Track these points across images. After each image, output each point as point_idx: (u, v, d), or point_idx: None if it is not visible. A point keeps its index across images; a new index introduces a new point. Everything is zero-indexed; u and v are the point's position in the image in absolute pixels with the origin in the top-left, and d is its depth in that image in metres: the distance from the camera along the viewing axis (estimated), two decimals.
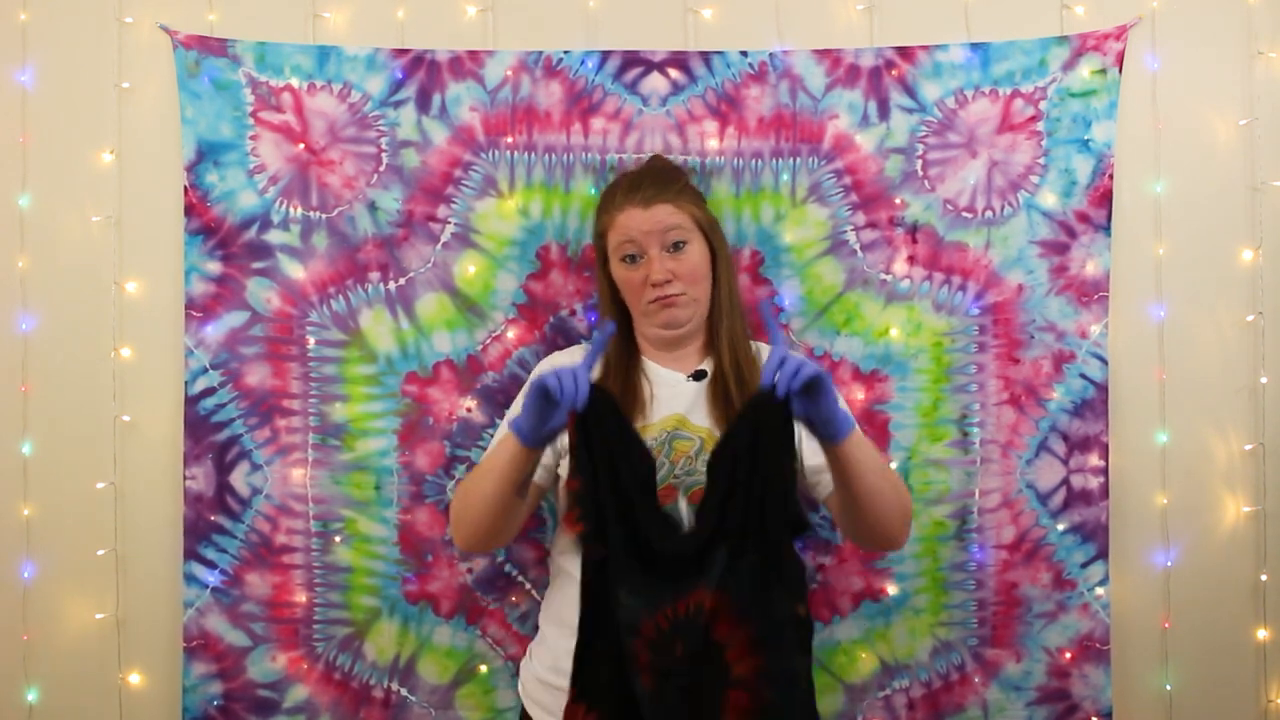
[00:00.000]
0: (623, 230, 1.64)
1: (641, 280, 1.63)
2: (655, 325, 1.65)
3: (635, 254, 1.63)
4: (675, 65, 1.95)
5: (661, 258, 1.62)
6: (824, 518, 1.90)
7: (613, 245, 1.66)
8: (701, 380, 1.65)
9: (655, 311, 1.63)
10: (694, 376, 1.66)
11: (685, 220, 1.64)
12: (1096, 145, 1.94)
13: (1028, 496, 1.95)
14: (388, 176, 1.93)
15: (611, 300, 1.71)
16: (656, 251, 1.62)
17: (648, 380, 1.65)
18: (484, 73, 1.94)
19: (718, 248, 1.69)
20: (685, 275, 1.62)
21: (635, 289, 1.64)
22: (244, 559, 1.91)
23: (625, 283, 1.66)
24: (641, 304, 1.64)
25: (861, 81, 1.95)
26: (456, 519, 1.58)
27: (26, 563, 1.96)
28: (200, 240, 1.92)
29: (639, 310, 1.66)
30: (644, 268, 1.62)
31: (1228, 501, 2.01)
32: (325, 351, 1.93)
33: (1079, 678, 1.94)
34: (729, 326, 1.67)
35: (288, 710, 1.92)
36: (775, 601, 1.38)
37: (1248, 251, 2.00)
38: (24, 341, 1.96)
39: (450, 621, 1.93)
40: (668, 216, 1.63)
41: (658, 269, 1.61)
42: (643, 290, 1.63)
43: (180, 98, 1.92)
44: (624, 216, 1.64)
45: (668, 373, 1.67)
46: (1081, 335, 1.95)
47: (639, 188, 1.65)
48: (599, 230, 1.70)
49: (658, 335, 1.67)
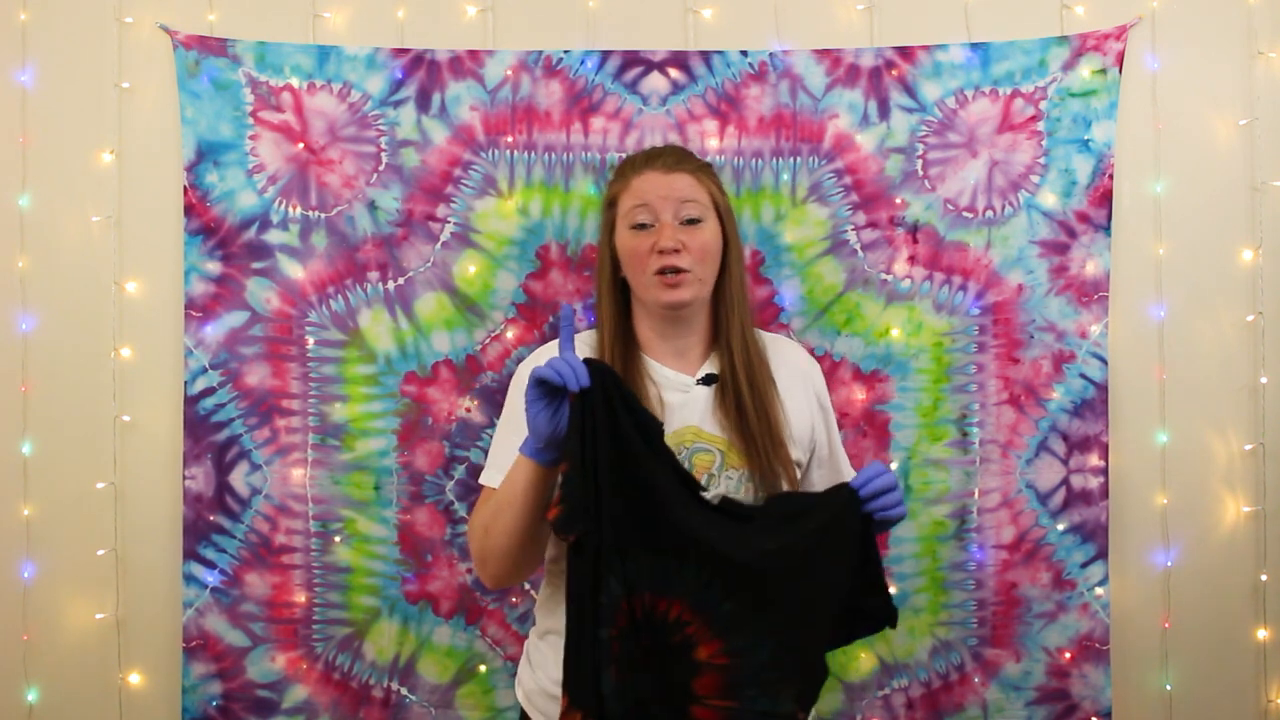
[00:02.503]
0: (638, 193, 1.52)
1: (649, 248, 1.50)
2: (656, 300, 1.53)
3: (647, 221, 1.51)
4: (675, 65, 1.95)
5: (674, 227, 1.50)
6: None
7: (624, 210, 1.54)
8: (711, 385, 1.54)
9: (658, 286, 1.51)
10: (704, 380, 1.54)
11: (704, 196, 1.53)
12: (1096, 145, 1.94)
13: (1027, 496, 1.95)
14: (387, 176, 1.93)
15: (612, 281, 1.57)
16: (669, 219, 1.51)
17: (653, 383, 1.53)
18: (484, 72, 1.94)
19: (730, 235, 1.57)
20: (695, 250, 1.50)
21: (641, 257, 1.51)
22: (243, 559, 1.91)
23: (631, 252, 1.52)
24: (646, 275, 1.51)
25: (862, 81, 1.95)
26: (482, 558, 1.47)
27: (26, 563, 1.96)
28: (200, 240, 1.92)
29: (642, 283, 1.53)
30: (653, 235, 1.50)
31: (1228, 501, 2.01)
32: (325, 351, 1.93)
33: (1079, 678, 1.94)
34: (738, 320, 1.56)
35: (287, 710, 1.92)
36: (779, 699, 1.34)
37: (1248, 251, 2.00)
38: (24, 341, 1.96)
39: (450, 621, 1.93)
40: (687, 187, 1.52)
41: (668, 235, 1.49)
42: (648, 259, 1.50)
43: (180, 98, 1.92)
44: (641, 180, 1.53)
45: (674, 375, 1.54)
46: (1081, 335, 1.95)
47: (661, 155, 1.56)
48: (609, 198, 1.58)
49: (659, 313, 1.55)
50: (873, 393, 1.95)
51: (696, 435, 1.51)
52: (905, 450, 1.94)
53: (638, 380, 1.51)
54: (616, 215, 1.55)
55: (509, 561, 1.45)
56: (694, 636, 1.33)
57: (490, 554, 1.44)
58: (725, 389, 1.52)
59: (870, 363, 1.95)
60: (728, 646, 1.32)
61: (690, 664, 1.32)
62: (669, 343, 1.56)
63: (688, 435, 1.51)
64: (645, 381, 1.52)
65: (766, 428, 1.50)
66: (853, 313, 1.95)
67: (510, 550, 1.43)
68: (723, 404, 1.52)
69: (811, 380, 1.62)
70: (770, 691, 1.33)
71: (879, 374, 1.95)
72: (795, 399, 1.56)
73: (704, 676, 1.32)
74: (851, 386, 1.94)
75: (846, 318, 1.95)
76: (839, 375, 1.94)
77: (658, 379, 1.53)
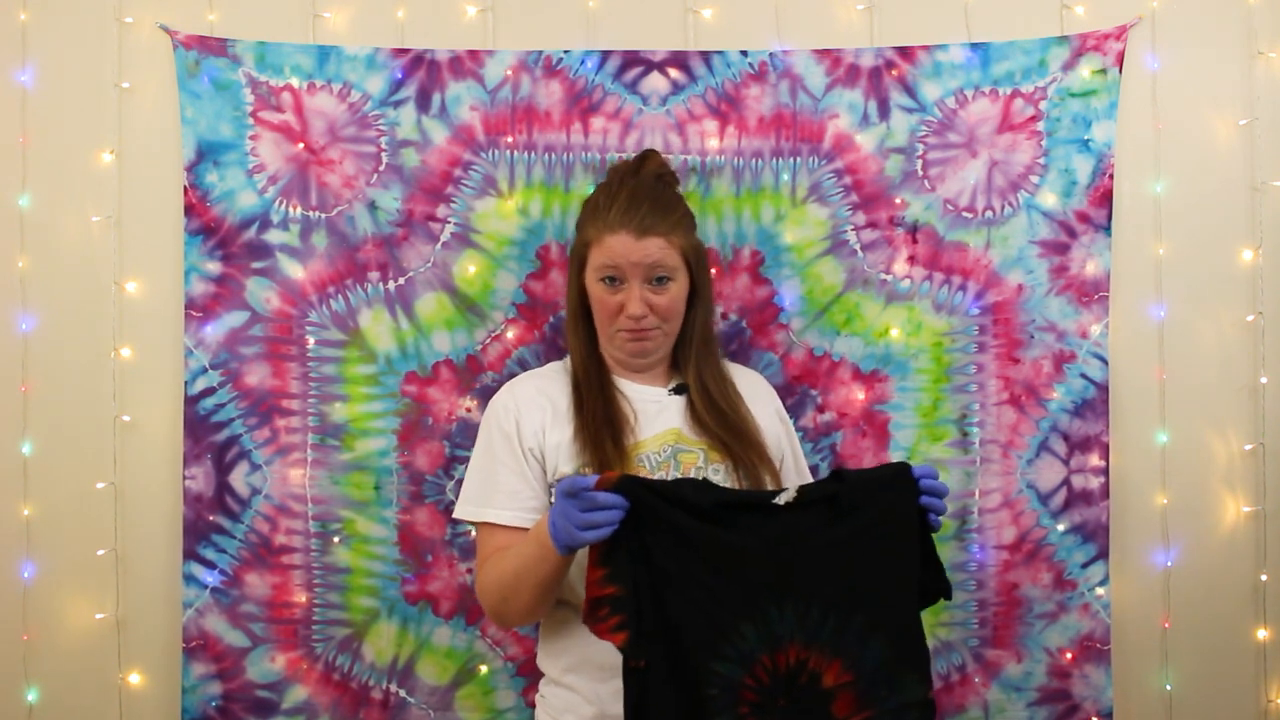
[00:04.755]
0: (609, 253, 1.56)
1: (617, 307, 1.57)
2: (622, 353, 1.60)
3: (616, 278, 1.56)
4: (675, 65, 1.95)
5: (642, 290, 1.55)
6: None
7: (595, 263, 1.58)
8: (684, 394, 1.62)
9: (624, 341, 1.58)
10: (676, 390, 1.63)
11: (674, 256, 1.57)
12: (1096, 145, 1.94)
13: (1028, 496, 1.95)
14: (387, 176, 1.93)
15: (580, 309, 1.63)
16: (638, 283, 1.55)
17: (625, 398, 1.60)
18: (484, 72, 1.94)
19: (699, 282, 1.62)
20: (662, 310, 1.57)
21: (609, 313, 1.58)
22: (243, 559, 1.91)
23: (599, 303, 1.59)
24: (612, 328, 1.59)
25: (861, 81, 1.95)
26: (499, 616, 1.54)
27: (26, 563, 1.96)
28: (200, 240, 1.92)
29: (607, 333, 1.60)
30: (622, 294, 1.56)
31: (1228, 501, 2.01)
32: (325, 351, 1.93)
33: (1079, 678, 1.94)
34: (696, 357, 1.62)
35: (287, 711, 1.92)
36: (907, 686, 1.37)
37: (1248, 251, 2.00)
38: (24, 341, 1.96)
39: (450, 622, 1.93)
40: (658, 251, 1.55)
41: (635, 303, 1.55)
42: (615, 317, 1.57)
43: (180, 98, 1.92)
44: (613, 240, 1.55)
45: (644, 388, 1.62)
46: (1082, 335, 1.95)
47: (636, 210, 1.56)
48: (583, 239, 1.61)
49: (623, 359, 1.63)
50: (872, 393, 1.95)
51: (679, 437, 1.59)
52: (905, 450, 1.94)
53: (611, 398, 1.59)
54: (588, 258, 1.60)
55: (529, 618, 1.54)
56: (816, 668, 1.34)
57: (510, 615, 1.53)
58: (695, 399, 1.60)
59: (870, 363, 1.95)
60: (847, 661, 1.35)
61: (823, 694, 1.34)
62: (635, 369, 1.64)
63: (670, 436, 1.59)
64: (618, 397, 1.60)
65: (742, 428, 1.59)
66: (852, 313, 1.95)
67: (532, 613, 1.52)
68: (694, 412, 1.60)
69: (771, 399, 1.73)
70: (897, 685, 1.36)
71: (879, 374, 1.95)
72: (759, 410, 1.65)
73: (838, 700, 1.35)
74: (851, 386, 1.94)
75: (846, 318, 1.95)
76: (839, 375, 1.94)
77: (630, 394, 1.61)
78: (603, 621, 1.31)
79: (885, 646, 1.36)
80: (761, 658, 1.33)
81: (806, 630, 1.34)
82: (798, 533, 1.36)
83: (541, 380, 1.65)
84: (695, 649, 1.32)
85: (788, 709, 1.34)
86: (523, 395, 1.60)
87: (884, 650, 1.36)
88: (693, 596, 1.33)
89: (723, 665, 1.32)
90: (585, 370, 1.61)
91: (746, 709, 1.33)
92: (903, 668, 1.37)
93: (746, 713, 1.32)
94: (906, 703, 1.37)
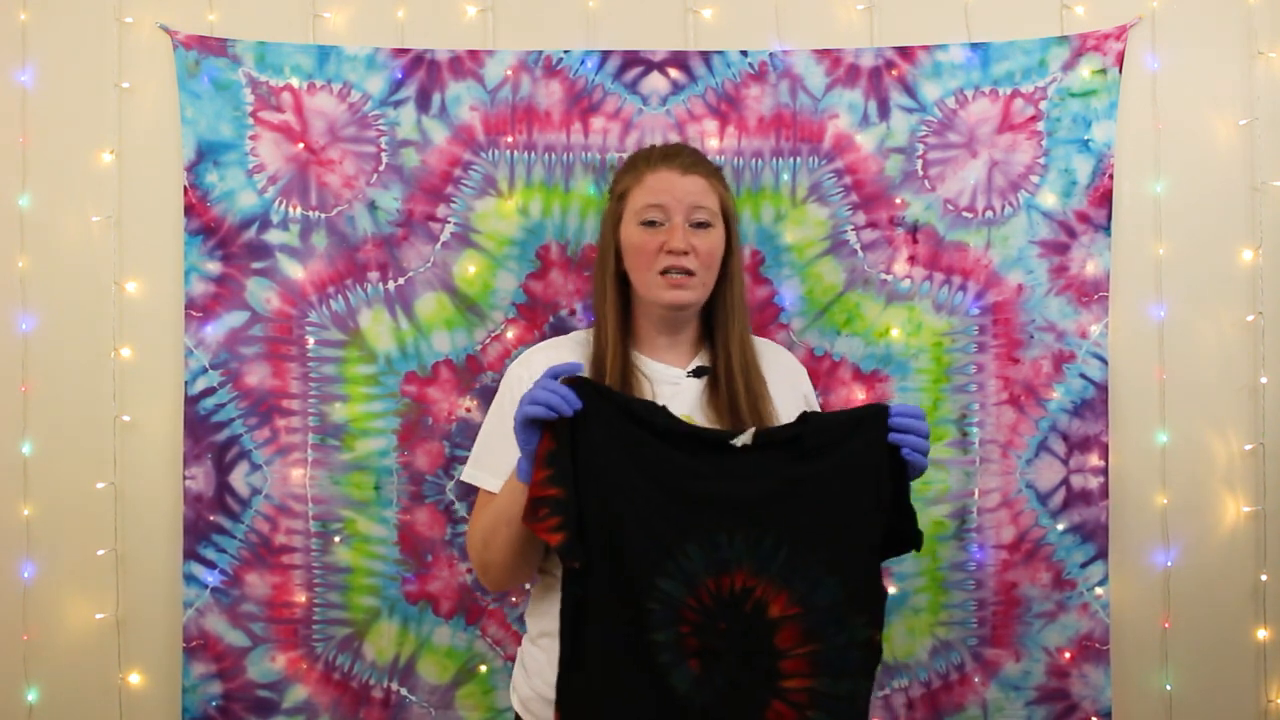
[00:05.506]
0: (652, 191, 1.54)
1: (658, 246, 1.53)
2: (660, 304, 1.55)
3: (658, 219, 1.54)
4: (675, 65, 1.95)
5: (685, 229, 1.53)
6: None
7: (635, 206, 1.55)
8: (702, 377, 1.58)
9: (663, 285, 1.54)
10: (694, 373, 1.59)
11: (714, 202, 1.56)
12: (1096, 145, 1.94)
13: (1027, 496, 1.95)
14: (387, 176, 1.93)
15: (615, 274, 1.58)
16: (681, 220, 1.53)
17: (645, 377, 1.56)
18: (484, 72, 1.94)
19: (734, 241, 1.60)
20: (703, 254, 1.54)
21: (649, 254, 1.54)
22: (244, 559, 1.91)
23: (640, 247, 1.54)
24: (651, 272, 1.54)
25: (861, 81, 1.95)
26: (483, 567, 1.53)
27: (26, 563, 1.96)
28: (200, 240, 1.92)
29: (645, 280, 1.55)
30: (663, 233, 1.53)
31: (1228, 501, 2.01)
32: (325, 351, 1.93)
33: (1078, 678, 1.94)
34: (736, 324, 1.59)
35: (287, 710, 1.92)
36: (854, 627, 1.37)
37: (1248, 251, 2.00)
38: (24, 341, 1.96)
39: (450, 621, 1.93)
40: (700, 191, 1.55)
41: (679, 236, 1.52)
42: (656, 257, 1.53)
43: (180, 98, 1.92)
44: (655, 178, 1.55)
45: (664, 368, 1.58)
46: (1081, 335, 1.95)
47: (678, 154, 1.58)
48: (619, 191, 1.59)
49: (659, 312, 1.57)
50: (872, 393, 1.95)
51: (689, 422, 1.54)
52: None
53: (630, 374, 1.55)
54: (625, 209, 1.57)
55: (509, 571, 1.51)
56: (763, 597, 1.35)
57: (491, 565, 1.51)
58: (717, 383, 1.57)
59: (870, 363, 1.95)
60: (794, 595, 1.35)
61: (768, 624, 1.35)
62: (662, 337, 1.60)
63: None
64: (638, 376, 1.56)
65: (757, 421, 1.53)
66: (852, 313, 1.95)
67: (510, 561, 1.49)
68: (714, 397, 1.56)
69: (799, 382, 1.67)
70: (846, 623, 1.36)
71: (879, 374, 1.95)
72: (783, 398, 1.60)
73: (782, 631, 1.35)
74: (851, 386, 1.95)
75: (846, 318, 1.95)
76: (839, 375, 1.94)
77: (649, 373, 1.57)
78: (541, 521, 1.34)
79: (839, 586, 1.36)
80: (706, 580, 1.35)
81: (757, 560, 1.35)
82: (759, 469, 1.37)
83: (555, 351, 1.62)
84: (637, 560, 1.34)
85: (728, 633, 1.35)
86: (538, 367, 1.55)
87: (837, 590, 1.36)
88: (639, 512, 1.35)
89: (666, 582, 1.34)
90: (614, 339, 1.56)
91: (687, 628, 1.34)
92: (853, 608, 1.37)
93: (687, 631, 1.34)
94: (852, 641, 1.36)
